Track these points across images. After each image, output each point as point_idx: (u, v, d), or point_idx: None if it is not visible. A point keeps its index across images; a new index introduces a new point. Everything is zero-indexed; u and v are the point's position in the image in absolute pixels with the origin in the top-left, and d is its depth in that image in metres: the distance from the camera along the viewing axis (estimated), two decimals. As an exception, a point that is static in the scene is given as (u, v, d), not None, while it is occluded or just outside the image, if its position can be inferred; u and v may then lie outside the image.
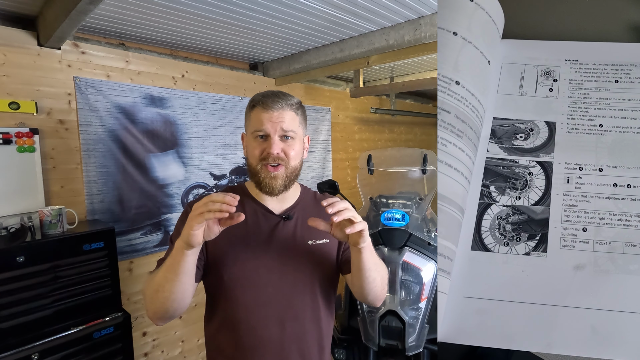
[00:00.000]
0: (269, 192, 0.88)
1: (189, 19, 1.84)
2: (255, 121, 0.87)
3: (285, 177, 0.87)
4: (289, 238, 0.91)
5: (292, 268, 0.89)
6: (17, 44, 1.73)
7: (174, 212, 2.34)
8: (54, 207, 1.64)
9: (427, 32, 1.86)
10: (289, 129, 0.87)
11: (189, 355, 2.49)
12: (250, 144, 0.89)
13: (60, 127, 1.89)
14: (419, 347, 1.50)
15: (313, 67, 2.48)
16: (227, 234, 0.86)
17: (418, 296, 1.54)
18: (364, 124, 3.92)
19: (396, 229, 1.67)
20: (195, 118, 2.42)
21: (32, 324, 1.50)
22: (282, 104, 0.87)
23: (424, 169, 1.93)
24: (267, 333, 0.86)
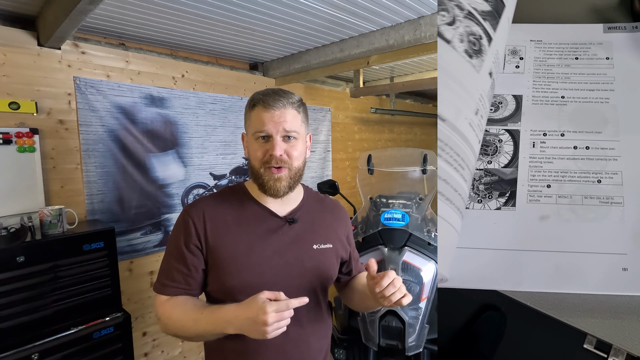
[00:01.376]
0: (274, 195, 0.86)
1: (189, 19, 1.84)
2: (256, 121, 0.84)
3: (289, 179, 0.85)
4: (293, 242, 0.89)
5: (297, 273, 0.88)
6: (17, 44, 1.73)
7: (174, 212, 2.34)
8: (54, 207, 1.64)
9: (427, 32, 1.86)
10: (292, 129, 0.84)
11: (189, 355, 2.49)
12: (251, 145, 0.87)
13: (60, 127, 1.89)
14: (419, 347, 1.50)
15: (313, 67, 2.48)
16: (230, 239, 0.85)
17: (418, 296, 1.53)
18: (364, 124, 3.92)
19: (396, 229, 1.67)
20: (195, 118, 2.42)
21: (32, 324, 1.49)
22: (283, 103, 0.84)
23: (424, 169, 1.93)
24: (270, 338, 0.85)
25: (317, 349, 0.92)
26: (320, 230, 0.94)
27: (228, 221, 0.87)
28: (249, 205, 0.90)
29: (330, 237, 0.94)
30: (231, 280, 0.84)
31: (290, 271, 0.87)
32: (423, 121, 4.89)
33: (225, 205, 0.90)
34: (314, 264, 0.90)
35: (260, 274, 0.84)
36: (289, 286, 0.86)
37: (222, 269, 0.84)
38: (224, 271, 0.84)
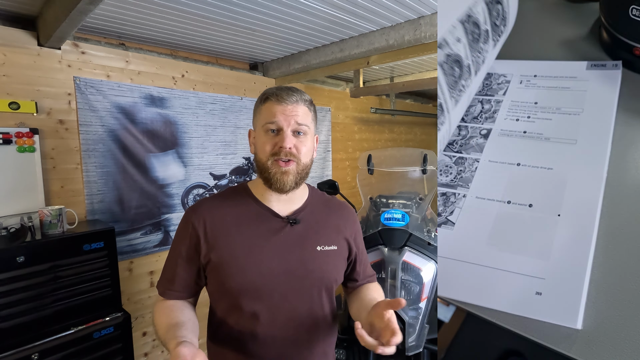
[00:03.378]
0: (280, 189, 0.84)
1: (189, 19, 1.84)
2: (267, 114, 0.83)
3: (296, 174, 0.84)
4: (296, 243, 0.87)
5: (299, 275, 0.86)
6: (17, 44, 1.73)
7: (174, 212, 2.34)
8: (54, 207, 1.64)
9: (427, 32, 1.86)
10: (303, 123, 0.83)
11: (189, 355, 2.48)
12: (260, 138, 0.85)
13: (60, 127, 1.89)
14: (419, 347, 1.50)
15: (313, 67, 2.48)
16: (230, 240, 0.84)
17: (418, 296, 1.53)
18: (364, 124, 3.92)
19: (396, 229, 1.67)
20: (195, 118, 2.42)
21: (32, 324, 1.50)
22: (296, 98, 0.84)
23: (424, 169, 1.93)
24: (271, 340, 0.84)
25: (320, 353, 0.91)
26: (324, 232, 0.91)
27: (228, 222, 0.86)
28: (250, 205, 0.89)
29: (336, 238, 0.92)
30: (230, 282, 0.83)
31: (292, 273, 0.85)
32: (423, 121, 4.89)
33: (226, 205, 0.89)
34: (317, 266, 0.88)
35: (260, 276, 0.83)
36: (290, 288, 0.85)
37: (222, 270, 0.83)
38: (223, 272, 0.83)
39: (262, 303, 0.83)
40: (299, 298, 0.86)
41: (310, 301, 0.87)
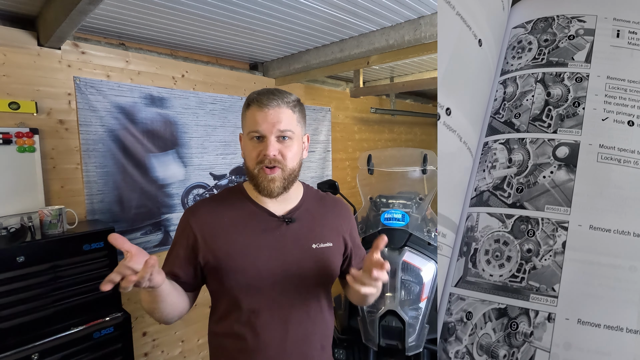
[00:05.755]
0: (268, 195, 0.86)
1: (189, 19, 1.84)
2: (250, 121, 0.84)
3: (283, 179, 0.85)
4: (292, 242, 0.89)
5: (296, 272, 0.87)
6: (17, 44, 1.73)
7: (174, 212, 2.34)
8: (54, 207, 1.64)
9: (427, 32, 1.86)
10: (286, 129, 0.83)
11: (189, 355, 2.49)
12: (246, 145, 0.87)
13: (60, 127, 1.89)
14: (419, 347, 1.50)
15: (313, 67, 2.48)
16: (226, 240, 0.86)
17: (418, 296, 1.54)
18: (364, 124, 3.92)
19: (396, 229, 1.67)
20: (195, 118, 2.42)
21: (32, 324, 1.49)
22: (277, 102, 0.83)
23: (424, 169, 1.93)
24: (270, 336, 0.86)
25: (318, 348, 0.93)
26: (320, 229, 0.93)
27: (224, 222, 0.88)
28: (246, 206, 0.90)
29: (331, 235, 0.94)
30: (229, 281, 0.85)
31: (289, 271, 0.87)
32: (423, 121, 4.88)
33: (223, 206, 0.91)
34: (314, 263, 0.90)
35: (258, 274, 0.85)
36: (288, 285, 0.87)
37: (221, 270, 0.85)
38: (221, 272, 0.85)
39: (261, 301, 0.85)
40: (296, 295, 0.88)
41: (308, 298, 0.90)
